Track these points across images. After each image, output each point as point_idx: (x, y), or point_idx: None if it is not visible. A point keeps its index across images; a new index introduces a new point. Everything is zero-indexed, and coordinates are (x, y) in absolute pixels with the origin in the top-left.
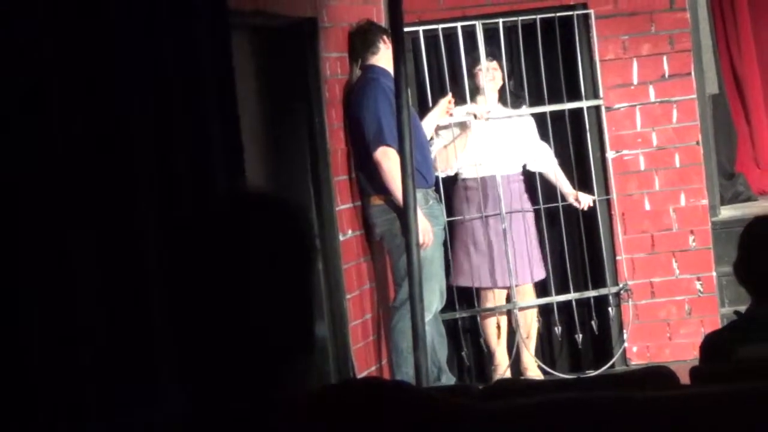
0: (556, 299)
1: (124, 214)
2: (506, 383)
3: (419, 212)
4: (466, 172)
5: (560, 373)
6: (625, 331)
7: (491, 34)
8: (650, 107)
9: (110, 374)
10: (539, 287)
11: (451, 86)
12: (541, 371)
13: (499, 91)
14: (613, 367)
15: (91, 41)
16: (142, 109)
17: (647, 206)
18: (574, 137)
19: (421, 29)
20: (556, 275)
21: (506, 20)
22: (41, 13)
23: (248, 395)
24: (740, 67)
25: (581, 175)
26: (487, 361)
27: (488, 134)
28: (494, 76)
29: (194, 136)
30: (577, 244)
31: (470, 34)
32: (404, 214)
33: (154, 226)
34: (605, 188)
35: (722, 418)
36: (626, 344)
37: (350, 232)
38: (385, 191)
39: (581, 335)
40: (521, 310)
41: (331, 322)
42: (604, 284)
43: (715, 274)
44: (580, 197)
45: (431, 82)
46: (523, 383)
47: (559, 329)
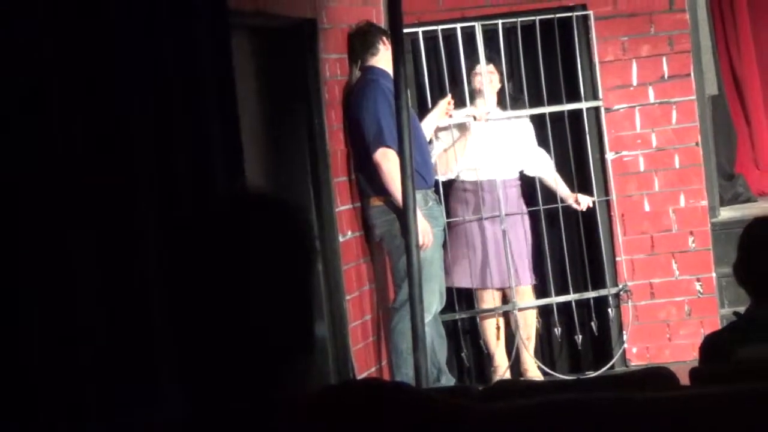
0: (555, 300)
1: (124, 214)
2: (506, 384)
3: (419, 213)
4: (464, 175)
5: (560, 374)
6: (624, 332)
7: (490, 35)
8: (650, 108)
9: (110, 374)
10: (538, 288)
11: (450, 87)
12: (540, 372)
13: (497, 94)
14: (612, 368)
15: (91, 41)
16: (142, 109)
17: (647, 207)
18: (573, 138)
19: (420, 30)
20: (555, 276)
21: (505, 21)
22: (41, 13)
23: (248, 395)
24: (740, 68)
25: (581, 176)
26: (486, 362)
27: (487, 138)
28: (492, 79)
29: (194, 136)
30: (576, 245)
31: (469, 35)
32: (404, 215)
33: (153, 226)
34: (605, 189)
35: (722, 419)
36: (626, 345)
37: (350, 233)
38: (384, 192)
39: (581, 336)
40: (521, 311)
41: (330, 323)
42: (603, 285)
43: (714, 275)
44: (579, 198)
45: (430, 83)
46: (522, 384)
47: (558, 330)
